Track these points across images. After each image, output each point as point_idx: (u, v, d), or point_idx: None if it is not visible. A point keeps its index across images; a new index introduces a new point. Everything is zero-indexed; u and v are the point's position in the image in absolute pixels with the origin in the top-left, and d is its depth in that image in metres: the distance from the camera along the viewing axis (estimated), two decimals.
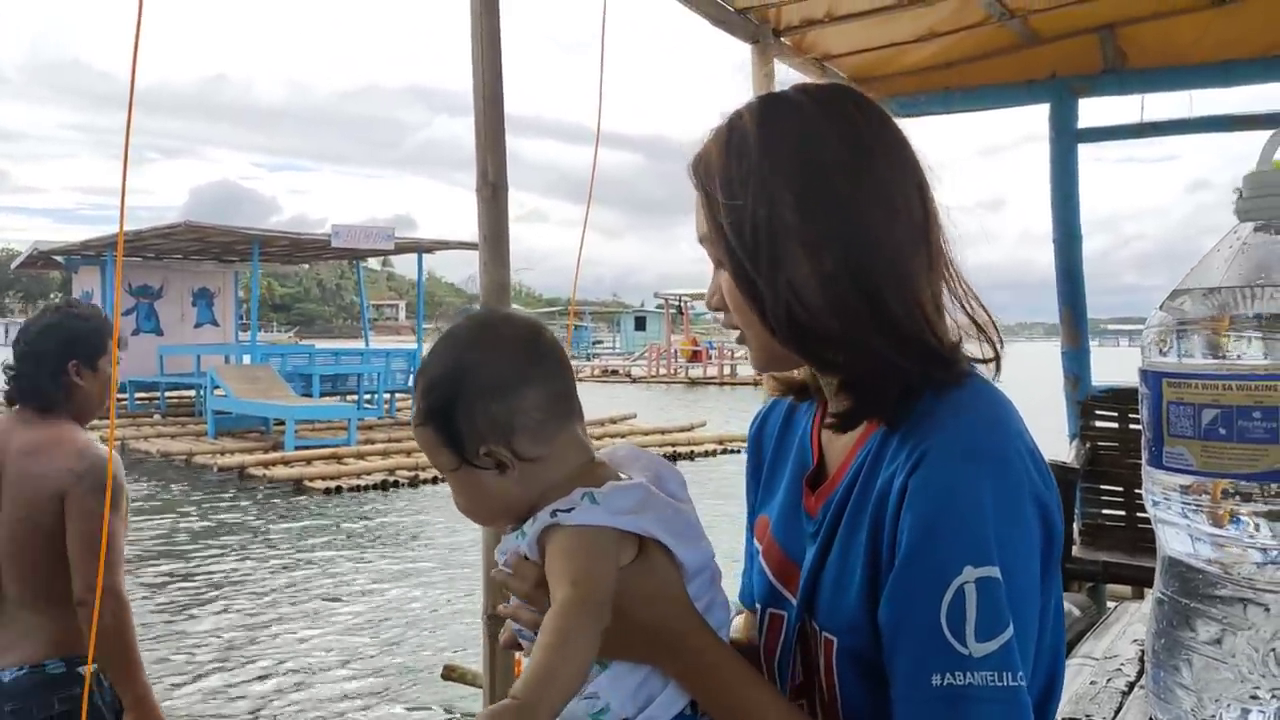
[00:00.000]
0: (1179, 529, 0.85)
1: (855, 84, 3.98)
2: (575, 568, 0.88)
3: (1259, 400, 0.78)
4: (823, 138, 0.94)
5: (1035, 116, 4.24)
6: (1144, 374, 0.87)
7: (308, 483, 13.27)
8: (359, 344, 25.46)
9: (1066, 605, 3.09)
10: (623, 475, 0.97)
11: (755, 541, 1.11)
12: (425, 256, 22.54)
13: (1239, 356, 0.80)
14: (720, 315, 1.00)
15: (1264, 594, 0.81)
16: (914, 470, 0.86)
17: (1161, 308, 0.88)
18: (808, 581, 0.98)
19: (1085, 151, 4.22)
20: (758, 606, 1.07)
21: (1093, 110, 4.23)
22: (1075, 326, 4.20)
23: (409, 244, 22.06)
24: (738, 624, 1.11)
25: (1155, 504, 0.87)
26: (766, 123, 0.96)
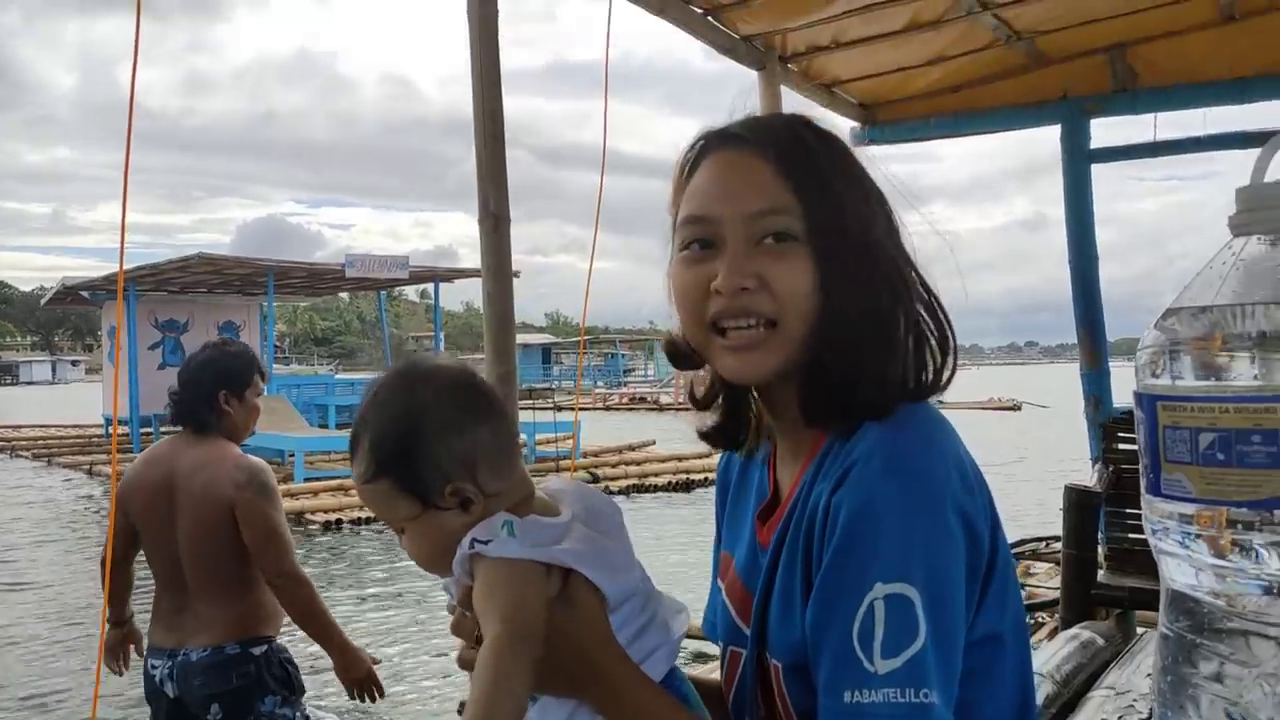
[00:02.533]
0: (1180, 560, 0.82)
1: (866, 109, 3.99)
2: (504, 603, 0.89)
3: (1258, 423, 0.75)
4: (864, 163, 1.00)
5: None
6: (1138, 397, 0.83)
7: (308, 515, 13.03)
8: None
9: (1089, 634, 3.02)
10: (559, 508, 0.98)
11: (719, 580, 1.11)
12: (464, 288, 22.64)
13: (1235, 377, 0.76)
14: (719, 302, 0.94)
15: (1271, 628, 0.77)
16: (838, 487, 0.86)
17: (1155, 327, 0.85)
18: (758, 613, 0.97)
19: (1122, 169, 4.19)
20: (721, 644, 1.07)
21: (1106, 130, 4.19)
22: (1094, 347, 4.13)
23: (424, 273, 22.14)
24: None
25: (1155, 533, 0.83)
26: (824, 132, 1.00)
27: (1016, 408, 24.39)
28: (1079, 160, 4.04)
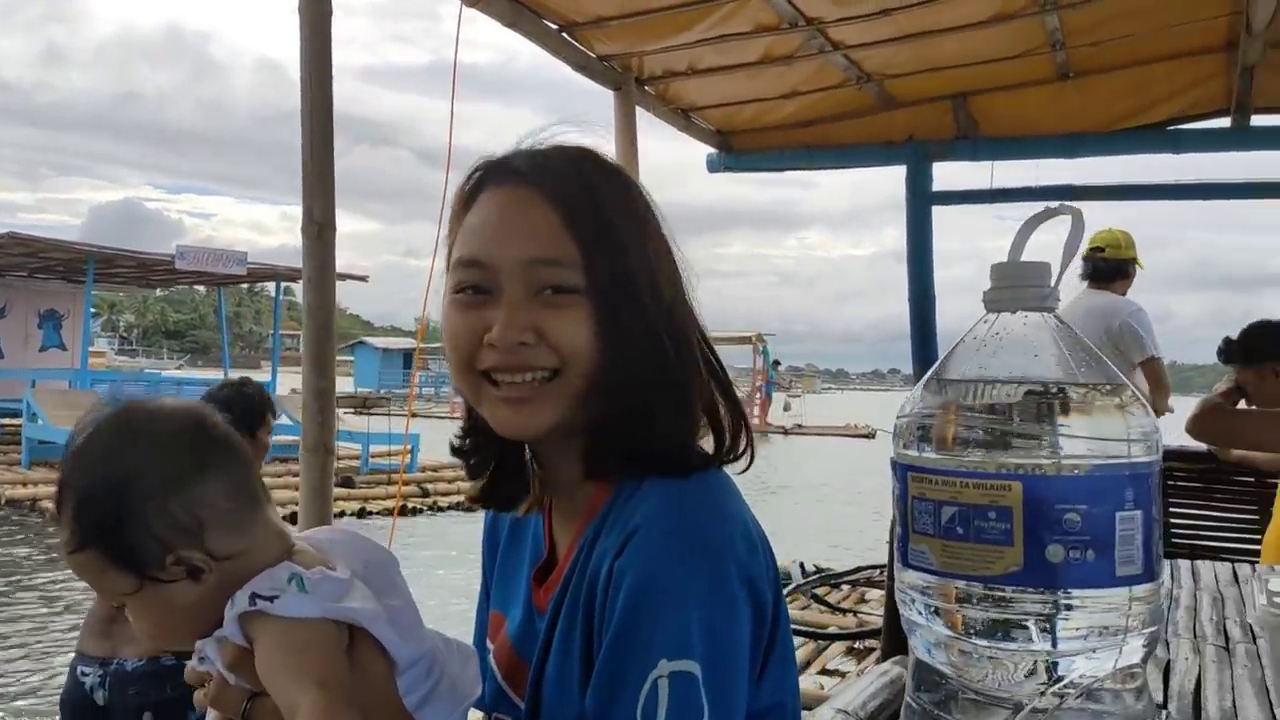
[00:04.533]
0: (923, 631, 0.82)
1: (722, 135, 4.02)
2: (319, 666, 0.80)
3: (994, 500, 0.75)
4: (649, 203, 0.96)
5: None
6: (893, 464, 0.83)
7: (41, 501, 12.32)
8: (256, 373, 24.31)
9: (899, 670, 3.09)
10: (330, 562, 0.87)
11: (487, 640, 1.04)
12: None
13: (975, 453, 0.77)
14: (493, 355, 0.89)
15: (1004, 704, 0.77)
16: (620, 554, 0.82)
17: (912, 396, 0.85)
18: (534, 684, 0.91)
19: (987, 207, 4.34)
20: (485, 712, 1.00)
21: (948, 173, 4.35)
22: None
23: (264, 270, 20.75)
24: None
25: (903, 603, 0.83)
26: (611, 170, 0.95)
27: (871, 434, 25.19)
28: (921, 202, 4.17)
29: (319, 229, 2.24)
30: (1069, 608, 0.75)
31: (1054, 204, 0.83)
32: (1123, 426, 0.76)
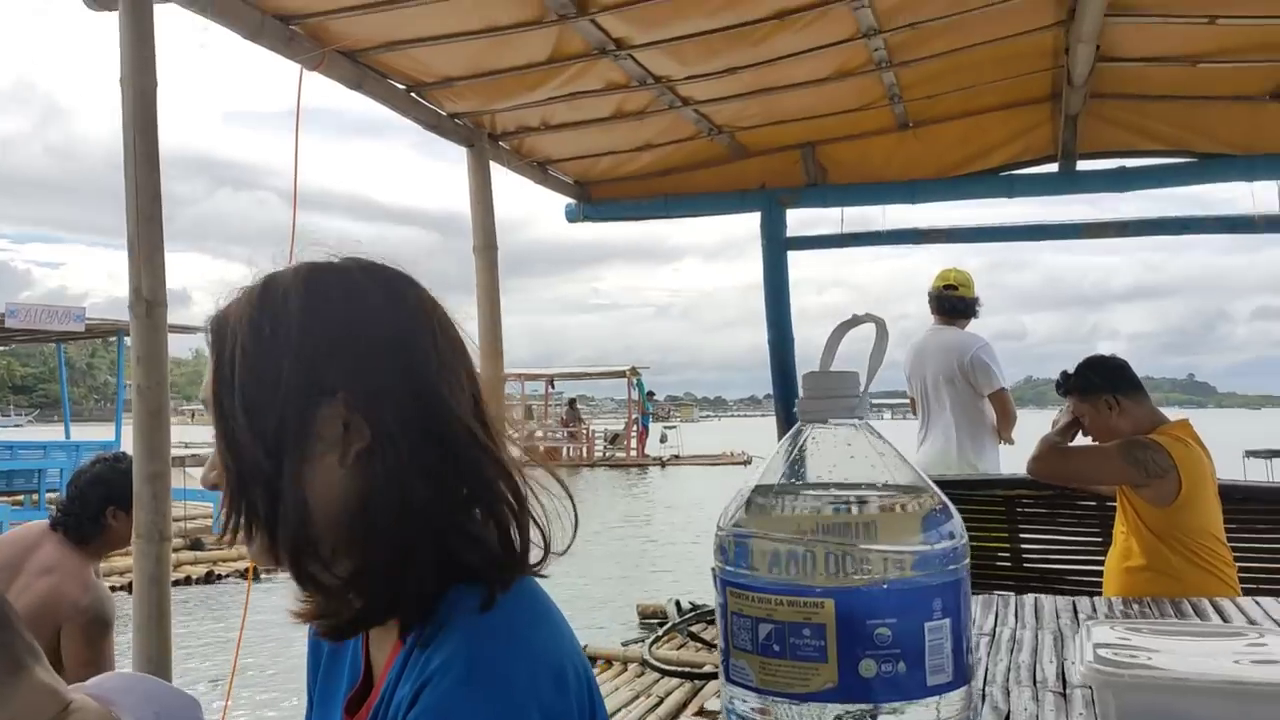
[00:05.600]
0: None
1: (580, 186, 4.03)
2: None
3: (808, 617, 0.75)
4: (375, 315, 0.86)
5: None
6: (714, 577, 0.83)
7: None
8: (106, 429, 22.69)
9: None
10: (117, 716, 0.81)
11: None
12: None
13: (790, 569, 0.77)
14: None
15: None
16: (420, 691, 0.78)
17: (733, 506, 0.85)
18: None
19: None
20: None
21: (802, 217, 4.47)
22: (788, 424, 4.35)
23: (105, 326, 19.56)
24: None
25: (729, 715, 0.82)
26: (311, 291, 0.86)
27: (747, 462, 25.53)
28: (776, 247, 4.27)
29: (148, 307, 2.13)
30: None
31: (860, 314, 0.85)
32: (930, 535, 0.78)
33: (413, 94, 3.25)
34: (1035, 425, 3.51)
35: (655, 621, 7.07)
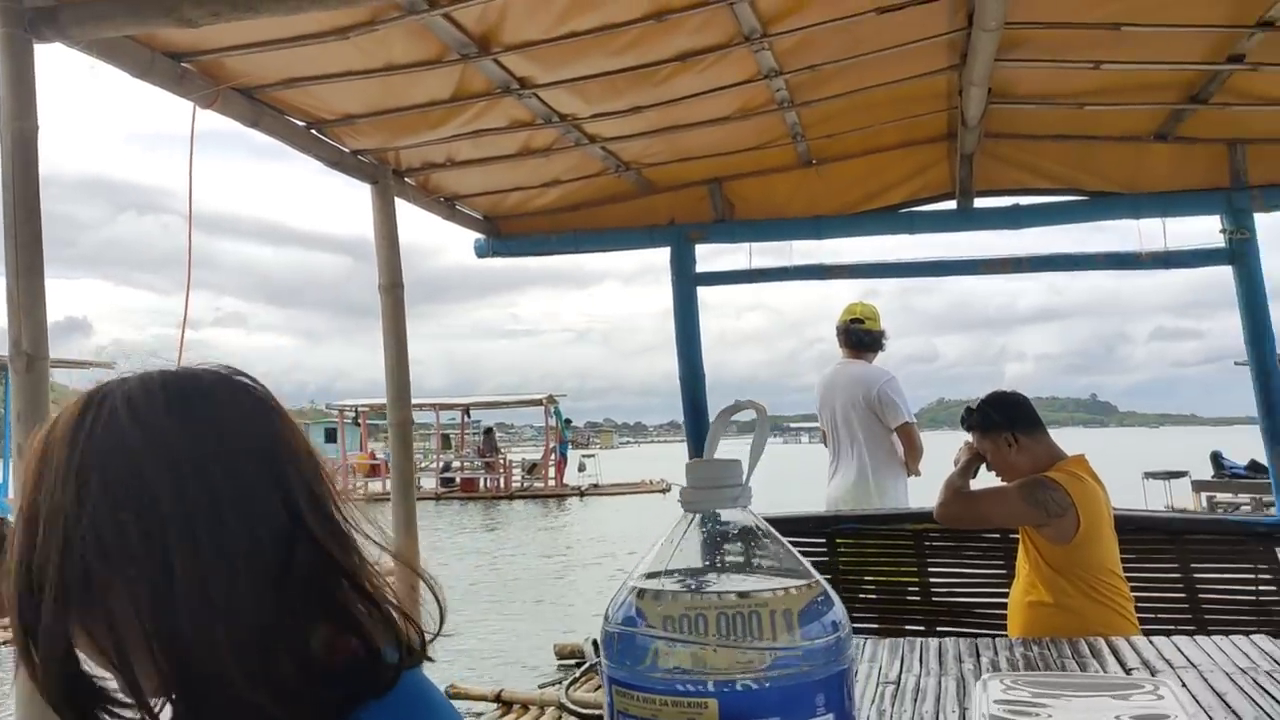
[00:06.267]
0: None
1: (489, 221, 3.99)
2: None
3: (692, 718, 0.73)
4: (153, 443, 0.79)
5: None
6: (601, 673, 0.81)
7: None
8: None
9: None
10: None
11: None
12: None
13: (671, 668, 0.75)
14: None
15: None
16: None
17: (618, 598, 0.83)
18: None
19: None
20: None
21: (711, 253, 4.50)
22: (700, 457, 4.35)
23: None
24: None
25: None
26: (84, 423, 0.80)
27: (666, 490, 25.51)
28: (685, 282, 4.29)
29: (29, 361, 2.03)
30: None
31: (743, 400, 0.84)
32: (813, 629, 0.77)
33: (313, 130, 3.18)
34: (947, 447, 3.55)
35: (573, 662, 6.97)
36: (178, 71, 2.59)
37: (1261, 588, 3.60)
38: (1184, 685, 1.92)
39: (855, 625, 3.80)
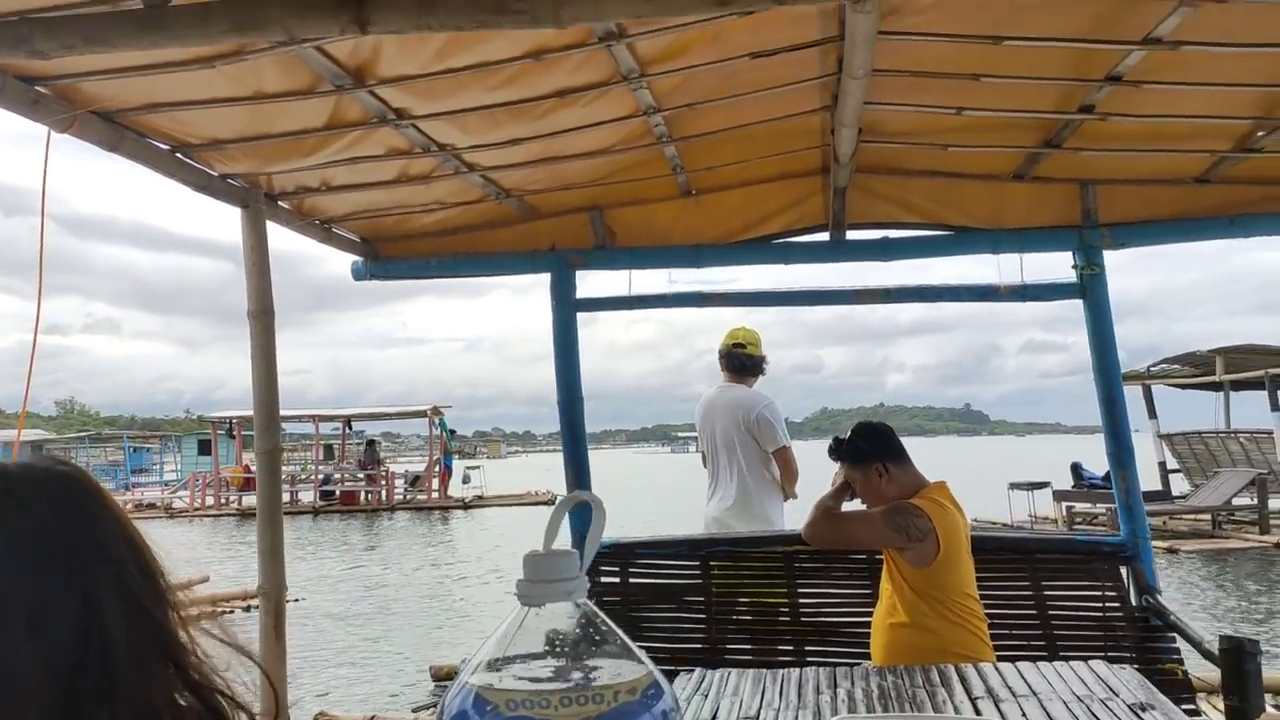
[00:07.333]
0: None
1: (367, 244, 3.93)
2: None
3: None
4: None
5: None
6: None
7: None
8: None
9: None
10: None
11: None
12: (65, 382, 18.61)
13: None
14: None
15: None
16: None
17: (455, 688, 0.84)
18: None
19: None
20: None
21: (592, 279, 4.52)
22: (579, 482, 4.38)
23: None
24: None
25: None
26: None
27: (550, 501, 25.43)
28: (565, 308, 4.30)
29: None
30: None
31: (583, 492, 0.87)
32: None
33: (178, 154, 3.09)
34: (829, 459, 3.60)
35: (450, 683, 6.88)
36: (31, 95, 2.49)
37: (1108, 604, 3.81)
38: (1024, 715, 2.02)
39: (728, 650, 3.90)
